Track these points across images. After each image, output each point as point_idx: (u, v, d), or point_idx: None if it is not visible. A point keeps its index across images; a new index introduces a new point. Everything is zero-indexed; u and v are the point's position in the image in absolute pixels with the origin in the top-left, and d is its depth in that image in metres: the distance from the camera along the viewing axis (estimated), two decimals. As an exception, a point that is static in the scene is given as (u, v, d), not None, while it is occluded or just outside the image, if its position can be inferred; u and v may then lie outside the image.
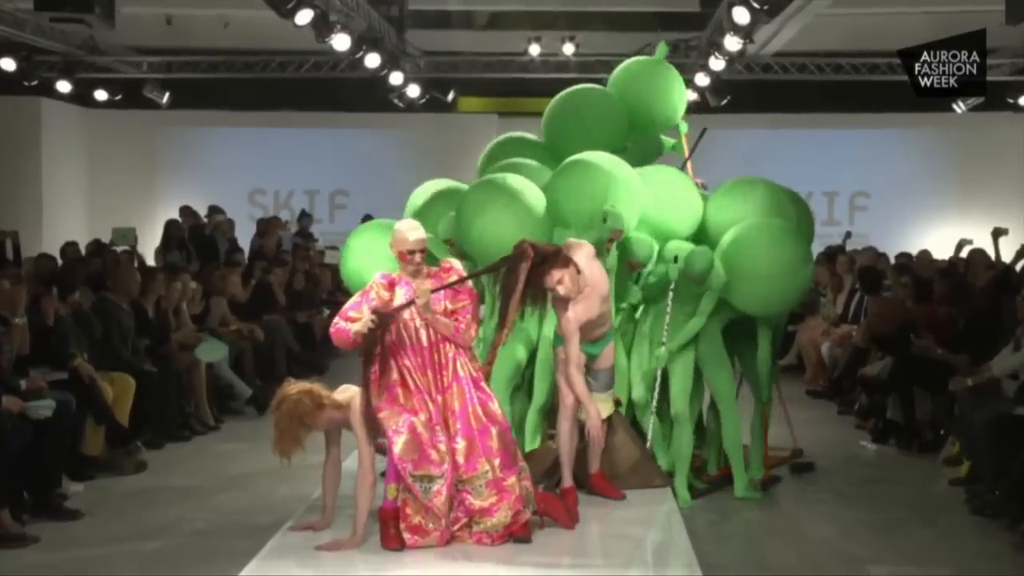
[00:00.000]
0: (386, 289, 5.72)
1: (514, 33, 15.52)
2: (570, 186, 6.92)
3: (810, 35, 13.87)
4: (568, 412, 6.24)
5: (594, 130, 7.66)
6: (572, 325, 5.99)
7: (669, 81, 8.07)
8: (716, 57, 13.26)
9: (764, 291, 6.89)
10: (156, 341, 9.18)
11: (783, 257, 6.87)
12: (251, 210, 17.48)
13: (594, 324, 6.12)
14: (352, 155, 17.64)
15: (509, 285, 5.76)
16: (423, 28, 15.40)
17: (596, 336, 6.23)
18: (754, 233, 7.00)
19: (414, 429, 5.59)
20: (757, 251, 6.90)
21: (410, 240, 5.69)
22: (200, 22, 15.05)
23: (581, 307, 6.00)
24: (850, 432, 9.26)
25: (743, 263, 6.90)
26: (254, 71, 15.51)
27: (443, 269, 5.84)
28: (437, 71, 16.04)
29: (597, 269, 6.13)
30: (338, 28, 11.91)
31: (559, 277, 5.87)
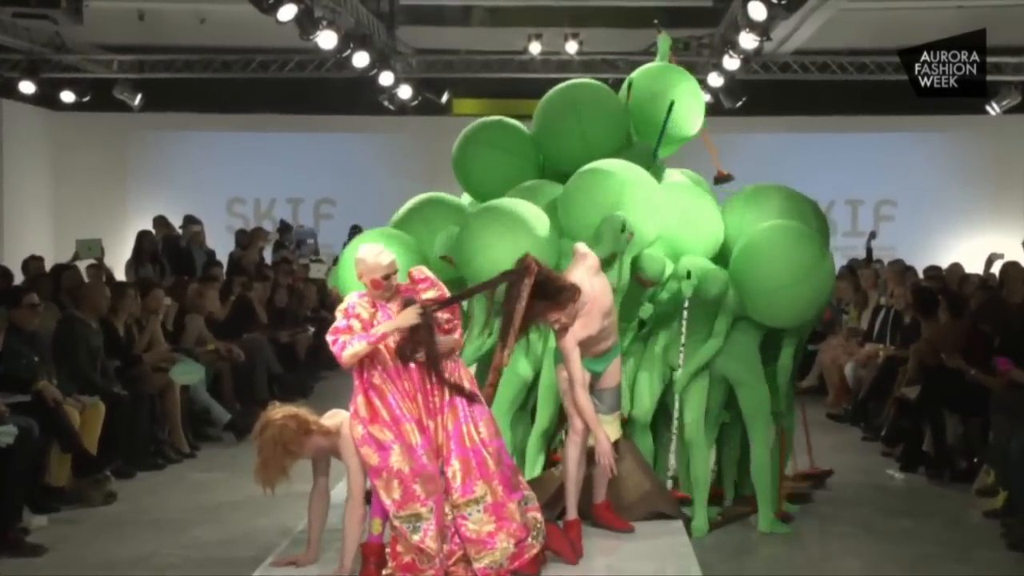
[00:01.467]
0: (370, 306, 5.72)
1: (513, 30, 15.58)
2: (581, 196, 6.93)
3: (832, 31, 13.94)
4: (577, 438, 6.23)
5: (590, 130, 7.64)
6: (570, 342, 5.98)
7: (690, 96, 8.06)
8: (730, 56, 13.31)
9: (780, 299, 6.90)
10: (127, 362, 9.18)
11: (796, 260, 6.88)
12: (230, 220, 17.51)
13: (595, 340, 6.12)
14: (339, 161, 17.68)
15: (511, 303, 5.76)
16: (415, 24, 15.47)
17: (599, 351, 6.22)
18: (762, 238, 7.02)
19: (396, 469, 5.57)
20: (767, 257, 6.92)
21: (384, 265, 5.66)
22: (175, 18, 15.11)
23: (580, 323, 5.99)
24: (876, 460, 9.26)
25: (753, 271, 6.92)
26: (233, 71, 15.56)
27: (415, 280, 5.84)
28: (430, 71, 16.09)
29: (599, 283, 6.12)
30: (324, 24, 11.96)
31: (555, 318, 5.92)
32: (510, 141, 7.89)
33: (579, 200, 6.93)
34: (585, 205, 6.87)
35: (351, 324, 5.62)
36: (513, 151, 7.83)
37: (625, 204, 6.82)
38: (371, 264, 5.69)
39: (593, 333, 6.06)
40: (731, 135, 15.93)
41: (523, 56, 15.52)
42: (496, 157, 7.78)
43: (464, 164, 7.89)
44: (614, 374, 6.37)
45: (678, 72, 8.10)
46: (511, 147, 7.85)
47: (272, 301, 12.96)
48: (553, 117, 7.78)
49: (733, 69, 13.87)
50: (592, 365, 6.22)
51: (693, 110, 8.04)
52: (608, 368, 6.31)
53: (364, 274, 5.70)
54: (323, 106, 16.99)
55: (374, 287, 5.69)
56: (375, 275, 5.66)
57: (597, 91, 7.88)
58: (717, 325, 7.01)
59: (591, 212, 6.82)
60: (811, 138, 17.28)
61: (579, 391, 6.02)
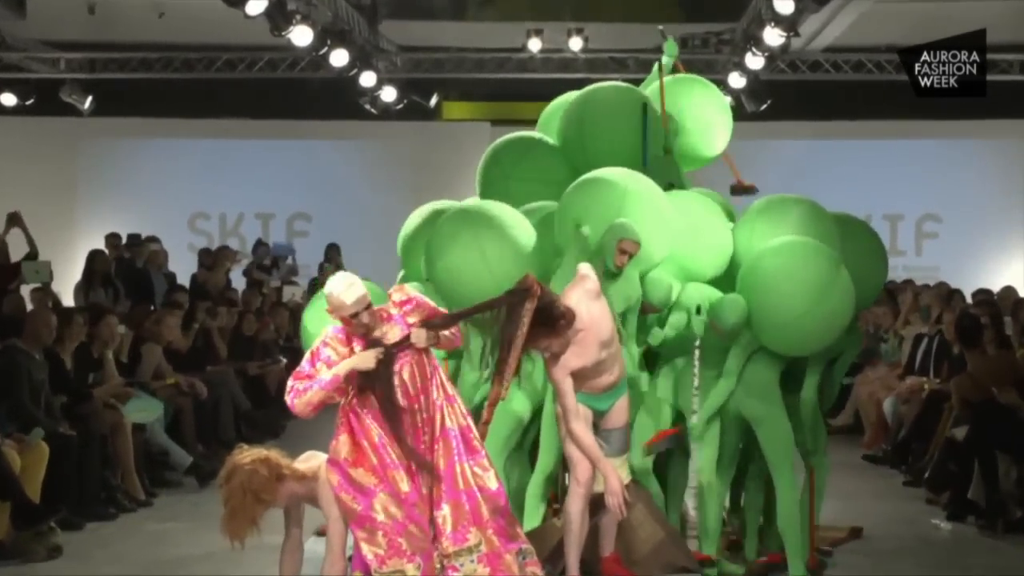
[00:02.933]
0: (343, 344, 5.73)
1: (510, 25, 15.63)
2: (578, 210, 6.95)
3: (868, 26, 13.99)
4: (580, 490, 6.18)
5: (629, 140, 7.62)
6: (560, 372, 5.97)
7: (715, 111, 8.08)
8: (754, 53, 13.37)
9: (793, 328, 6.89)
10: (75, 398, 9.17)
11: (806, 282, 6.87)
12: (192, 238, 17.52)
13: (592, 372, 6.11)
14: (314, 172, 17.71)
15: (510, 329, 5.76)
16: (400, 19, 15.51)
17: (601, 386, 6.21)
18: (766, 262, 7.01)
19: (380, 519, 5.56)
20: (773, 283, 6.91)
21: (348, 304, 5.67)
22: (129, 11, 15.13)
23: (572, 352, 5.98)
24: (920, 507, 9.25)
25: (759, 300, 6.92)
26: (196, 71, 15.61)
27: (397, 304, 5.85)
28: (417, 70, 16.14)
29: (598, 308, 6.11)
30: (297, 19, 12.00)
31: (546, 344, 5.93)
32: (551, 170, 7.83)
33: (575, 214, 6.95)
34: (582, 219, 6.89)
35: (316, 370, 5.63)
36: (554, 180, 7.72)
37: (630, 217, 6.83)
38: (336, 302, 5.70)
39: (587, 364, 6.05)
40: (754, 142, 15.96)
41: (521, 54, 15.57)
42: (539, 193, 7.67)
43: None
44: (621, 413, 6.36)
45: (700, 84, 8.13)
46: (552, 176, 7.78)
47: (240, 329, 12.95)
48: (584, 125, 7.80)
49: (757, 68, 13.92)
50: (594, 402, 6.21)
51: (718, 125, 8.07)
52: (614, 406, 6.31)
53: (333, 311, 5.73)
54: (297, 110, 17.02)
55: (344, 324, 5.72)
56: (343, 312, 5.68)
57: (633, 95, 7.86)
58: (729, 362, 7.00)
59: (591, 227, 6.83)
60: (844, 146, 17.32)
61: (575, 424, 5.97)
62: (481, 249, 6.83)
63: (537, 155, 7.94)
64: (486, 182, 7.99)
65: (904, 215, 17.62)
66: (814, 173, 16.45)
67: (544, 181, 7.78)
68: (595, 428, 6.23)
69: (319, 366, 5.65)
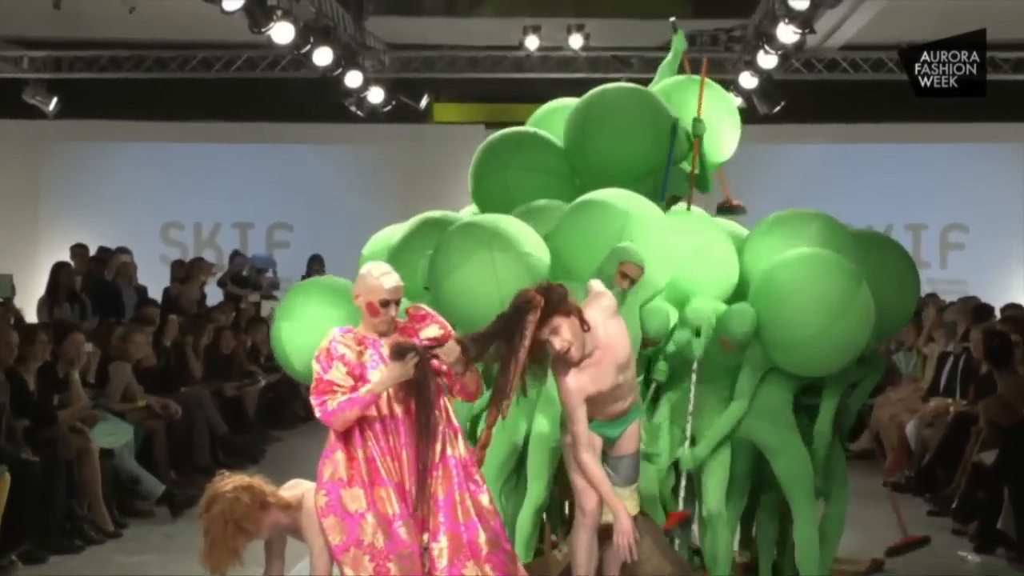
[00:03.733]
0: (354, 343, 5.72)
1: (505, 21, 15.66)
2: (575, 234, 6.96)
3: (889, 22, 14.00)
4: (587, 520, 6.14)
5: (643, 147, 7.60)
6: (575, 398, 5.95)
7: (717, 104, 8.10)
8: (766, 51, 13.39)
9: (810, 347, 6.86)
10: (38, 422, 9.15)
11: (825, 297, 6.82)
12: (165, 249, 17.52)
13: (608, 398, 6.09)
14: (296, 178, 17.72)
15: (510, 344, 5.75)
16: (388, 15, 15.54)
17: (613, 413, 6.19)
18: (781, 275, 6.98)
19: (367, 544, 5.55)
20: (789, 298, 6.86)
21: (386, 288, 5.66)
22: (98, 6, 15.10)
23: (588, 375, 5.96)
24: (946, 538, 9.23)
25: (774, 317, 6.88)
26: (169, 70, 15.61)
27: (414, 318, 5.85)
28: (406, 70, 16.16)
29: (615, 328, 6.10)
30: (278, 15, 12.02)
31: (556, 325, 5.86)
32: (552, 160, 7.85)
33: (573, 238, 6.95)
34: (580, 244, 6.89)
35: (334, 377, 5.60)
36: (556, 170, 7.77)
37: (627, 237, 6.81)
38: (371, 284, 5.67)
39: (604, 389, 6.02)
40: (766, 146, 16.00)
41: (517, 52, 15.60)
42: (540, 182, 7.71)
43: (494, 198, 7.81)
44: (632, 439, 6.34)
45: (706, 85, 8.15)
46: (553, 166, 7.82)
47: (216, 347, 12.94)
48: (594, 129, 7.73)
49: (769, 67, 13.95)
50: (605, 429, 6.18)
51: (727, 128, 8.09)
52: (625, 432, 6.29)
53: (361, 294, 5.70)
54: (277, 112, 17.04)
55: (370, 313, 5.68)
56: (373, 297, 5.64)
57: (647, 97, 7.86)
58: (740, 383, 6.98)
59: (588, 252, 6.82)
60: (863, 150, 17.34)
61: (585, 455, 5.98)
62: (494, 270, 6.79)
63: (533, 146, 7.92)
64: (481, 175, 7.96)
65: (927, 225, 17.64)
66: (831, 180, 16.47)
67: (544, 171, 7.77)
68: (603, 455, 6.22)
69: (337, 367, 5.61)
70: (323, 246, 16.55)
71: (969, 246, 17.57)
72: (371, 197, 17.07)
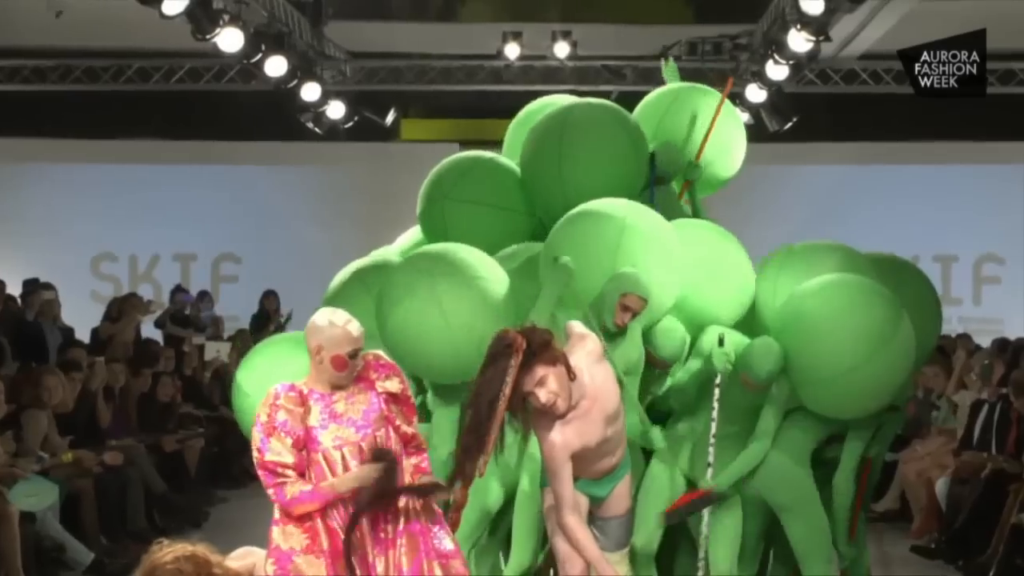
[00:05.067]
0: (298, 404, 5.70)
1: (483, 27, 15.71)
2: (567, 250, 6.96)
3: (913, 28, 14.03)
4: (573, 588, 6.18)
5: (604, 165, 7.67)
6: (560, 454, 5.93)
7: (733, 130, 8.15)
8: (776, 61, 13.44)
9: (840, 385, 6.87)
10: (-53, 480, 9.09)
11: (861, 329, 6.85)
12: (96, 285, 17.48)
13: (595, 453, 6.07)
14: (246, 204, 17.70)
15: (488, 393, 5.74)
16: (350, 19, 15.56)
17: (601, 470, 6.18)
18: (811, 302, 7.01)
19: None
20: (819, 327, 6.89)
21: (355, 336, 5.62)
22: (20, 9, 15.12)
23: (574, 429, 5.94)
24: (981, 610, 9.24)
25: (800, 349, 6.91)
26: (101, 81, 15.60)
27: (373, 367, 5.83)
28: (370, 81, 16.19)
29: (602, 375, 6.08)
30: (225, 20, 12.02)
31: (541, 376, 5.85)
32: (499, 193, 7.87)
33: (568, 251, 6.93)
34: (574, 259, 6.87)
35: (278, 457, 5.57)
36: (504, 205, 7.80)
37: (629, 258, 6.84)
38: (336, 334, 5.64)
39: (591, 444, 6.00)
40: (776, 168, 16.05)
41: (496, 62, 15.65)
42: (482, 217, 7.75)
43: (434, 228, 7.87)
44: (622, 499, 6.33)
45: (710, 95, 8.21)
46: (501, 200, 7.84)
47: (153, 394, 12.89)
48: (537, 148, 7.82)
49: (780, 79, 14.00)
50: (592, 489, 6.17)
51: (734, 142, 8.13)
52: (614, 491, 6.28)
53: (324, 346, 5.67)
54: (224, 129, 17.05)
55: (337, 367, 5.67)
56: (340, 349, 5.63)
57: (594, 115, 7.92)
58: (763, 421, 6.99)
59: (581, 272, 6.81)
60: (885, 172, 17.39)
61: (569, 518, 5.95)
62: (439, 301, 6.82)
63: (480, 174, 7.94)
64: (423, 204, 8.00)
65: (958, 256, 17.69)
66: (849, 206, 16.51)
67: (487, 204, 7.79)
68: (590, 516, 6.20)
69: (279, 439, 5.59)
70: (277, 280, 16.53)
71: (1006, 280, 17.62)
72: (331, 225, 17.07)
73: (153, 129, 17.12)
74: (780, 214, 14.89)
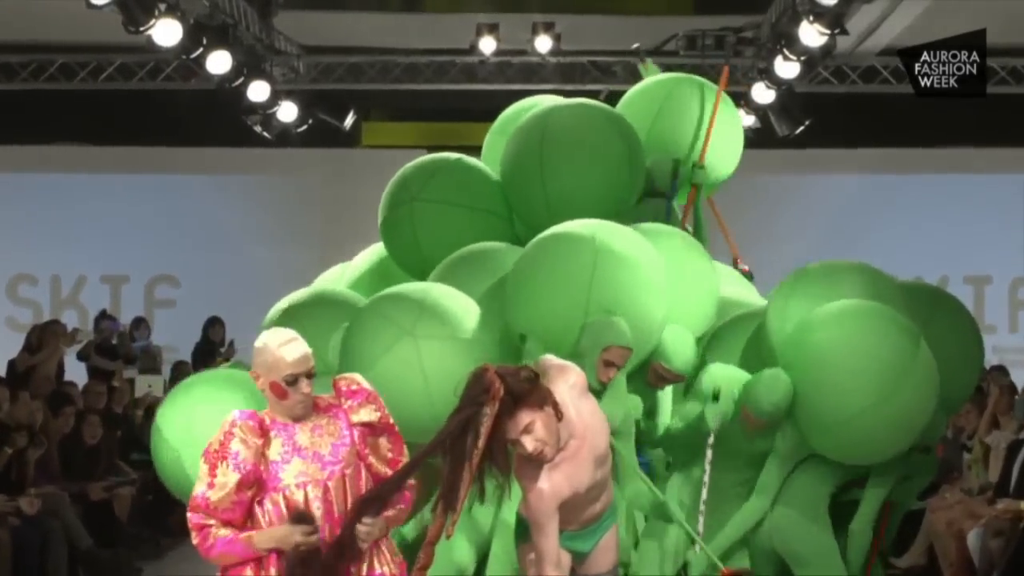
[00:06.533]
0: (257, 435, 5.68)
1: (455, 18, 15.73)
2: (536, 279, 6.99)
3: (938, 21, 14.12)
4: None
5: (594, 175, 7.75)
6: (548, 504, 5.92)
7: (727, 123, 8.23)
8: (786, 57, 13.48)
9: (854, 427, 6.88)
10: None
11: (878, 356, 6.88)
12: (13, 310, 17.43)
13: (583, 500, 6.07)
14: (185, 218, 17.68)
15: (461, 444, 5.73)
16: (303, 9, 15.55)
17: (586, 519, 6.17)
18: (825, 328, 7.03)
19: None
20: (834, 353, 6.92)
21: (289, 360, 5.55)
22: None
23: (563, 474, 5.94)
24: None
25: (811, 388, 6.93)
26: (18, 79, 15.58)
27: (345, 394, 5.82)
28: (327, 80, 16.20)
29: (588, 408, 6.09)
30: (162, 10, 12.01)
31: (527, 423, 5.85)
32: (474, 193, 7.97)
33: (533, 284, 6.98)
34: (541, 293, 6.92)
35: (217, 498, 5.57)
36: (479, 206, 7.90)
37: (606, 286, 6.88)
38: (271, 359, 5.60)
39: (581, 490, 6.00)
40: (786, 177, 16.08)
41: (469, 57, 15.67)
42: (455, 218, 7.83)
43: (400, 234, 7.91)
44: (607, 553, 6.33)
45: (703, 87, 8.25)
46: (476, 201, 7.94)
47: (78, 436, 12.85)
48: (516, 158, 7.89)
49: (790, 78, 14.04)
50: (576, 543, 6.17)
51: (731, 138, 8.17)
52: (600, 544, 6.29)
53: (261, 374, 5.66)
54: (161, 133, 17.00)
55: (276, 395, 5.65)
56: (275, 375, 5.60)
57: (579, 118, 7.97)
58: (765, 475, 7.04)
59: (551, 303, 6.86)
60: (909, 183, 17.44)
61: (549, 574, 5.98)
62: (420, 361, 6.85)
63: (453, 173, 8.07)
64: (387, 208, 8.11)
65: (992, 277, 17.73)
66: (867, 220, 16.54)
67: (461, 205, 7.90)
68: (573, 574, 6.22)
69: (226, 474, 5.57)
70: (221, 305, 16.49)
71: (1047, 305, 17.72)
72: (282, 243, 17.05)
73: (79, 133, 17.08)
74: (789, 231, 14.89)
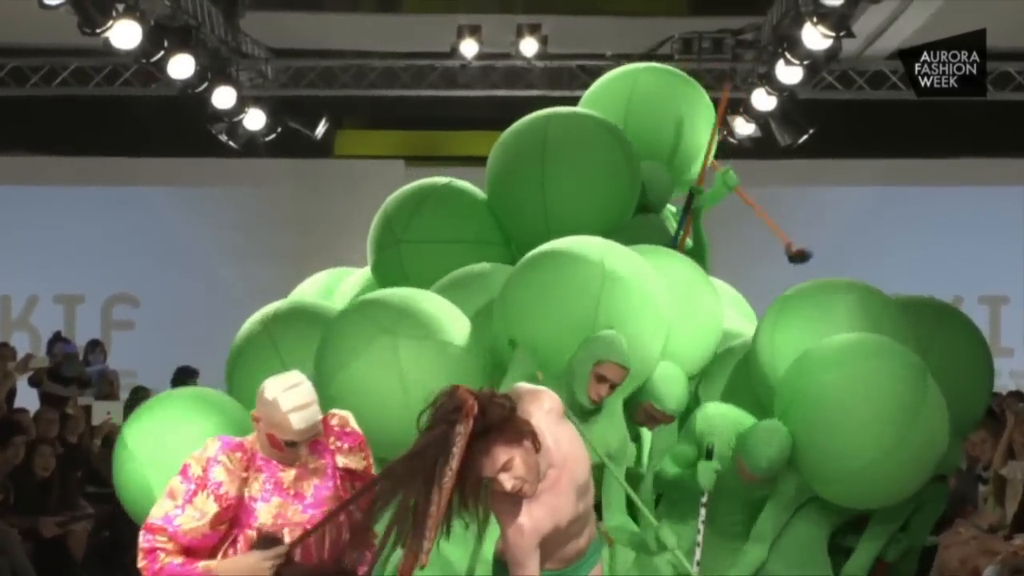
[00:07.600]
0: (243, 468, 5.69)
1: (434, 19, 15.74)
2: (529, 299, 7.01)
3: (951, 23, 14.16)
4: None
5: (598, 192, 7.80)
6: (529, 541, 5.90)
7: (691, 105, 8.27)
8: (788, 61, 13.52)
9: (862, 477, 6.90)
10: None
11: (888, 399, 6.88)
12: (-41, 333, 17.42)
13: (564, 535, 6.07)
14: (145, 233, 17.66)
15: (431, 468, 5.73)
16: (272, 9, 15.56)
17: (568, 556, 6.18)
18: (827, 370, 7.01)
19: None
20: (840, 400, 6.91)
21: (295, 430, 5.57)
22: None
23: (544, 507, 5.92)
24: None
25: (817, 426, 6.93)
26: (-33, 85, 15.63)
27: (337, 434, 5.82)
28: (297, 85, 16.21)
29: (566, 436, 6.07)
30: (120, 11, 12.02)
31: (505, 460, 5.84)
32: (463, 225, 8.03)
33: (535, 296, 7.01)
34: (536, 314, 6.95)
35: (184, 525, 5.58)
36: (471, 238, 7.98)
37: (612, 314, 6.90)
38: (278, 420, 5.59)
39: (563, 524, 6.00)
40: (788, 190, 16.09)
41: (450, 61, 15.68)
42: (447, 256, 7.87)
43: (391, 278, 7.96)
44: (592, 589, 6.37)
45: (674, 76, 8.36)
46: (466, 233, 8.01)
47: (28, 468, 12.84)
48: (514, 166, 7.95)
49: (793, 83, 14.07)
50: (558, 582, 6.21)
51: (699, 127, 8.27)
52: (584, 582, 6.31)
53: (263, 421, 5.67)
54: (119, 143, 17.01)
55: (271, 445, 5.68)
56: (278, 434, 5.60)
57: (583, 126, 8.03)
58: (761, 522, 7.07)
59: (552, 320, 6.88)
60: (920, 195, 17.48)
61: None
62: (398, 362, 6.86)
63: (438, 205, 8.08)
64: (375, 250, 8.18)
65: (1009, 297, 17.76)
66: (876, 236, 16.59)
67: (453, 241, 7.95)
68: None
69: (200, 504, 5.58)
70: (182, 327, 16.47)
71: (1067, 327, 17.75)
72: (249, 259, 17.04)
73: (30, 143, 17.09)
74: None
